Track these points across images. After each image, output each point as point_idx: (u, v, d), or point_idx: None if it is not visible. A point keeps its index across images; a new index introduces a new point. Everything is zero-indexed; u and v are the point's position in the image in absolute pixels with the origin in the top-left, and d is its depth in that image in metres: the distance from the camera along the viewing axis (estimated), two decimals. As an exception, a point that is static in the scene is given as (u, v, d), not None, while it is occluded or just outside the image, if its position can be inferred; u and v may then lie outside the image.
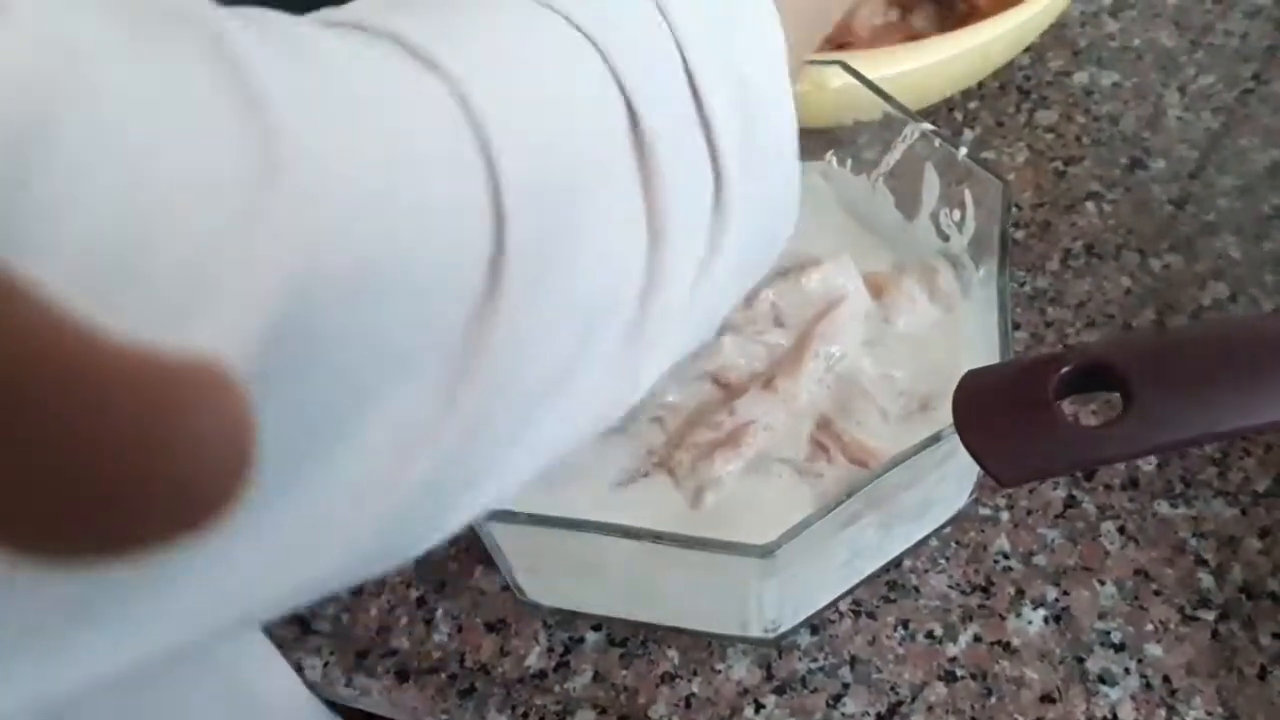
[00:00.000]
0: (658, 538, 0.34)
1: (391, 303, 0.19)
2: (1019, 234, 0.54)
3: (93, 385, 0.12)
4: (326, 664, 0.45)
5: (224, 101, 0.16)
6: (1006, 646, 0.42)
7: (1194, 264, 0.52)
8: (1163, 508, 0.45)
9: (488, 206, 0.21)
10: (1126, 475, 0.46)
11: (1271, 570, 0.43)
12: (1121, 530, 0.45)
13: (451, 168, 0.21)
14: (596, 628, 0.44)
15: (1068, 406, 0.30)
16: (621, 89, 0.24)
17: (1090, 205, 0.55)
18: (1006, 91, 0.61)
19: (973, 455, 0.29)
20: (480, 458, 0.23)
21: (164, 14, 0.16)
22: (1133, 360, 0.28)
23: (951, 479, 0.41)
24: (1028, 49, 0.62)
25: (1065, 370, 0.28)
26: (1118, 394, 0.28)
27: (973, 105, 0.61)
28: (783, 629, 0.41)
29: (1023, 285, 0.53)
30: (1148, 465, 0.46)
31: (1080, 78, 0.61)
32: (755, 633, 0.41)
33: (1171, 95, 0.59)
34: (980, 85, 0.61)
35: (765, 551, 0.34)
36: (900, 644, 0.43)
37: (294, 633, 0.46)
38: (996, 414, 0.29)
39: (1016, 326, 0.51)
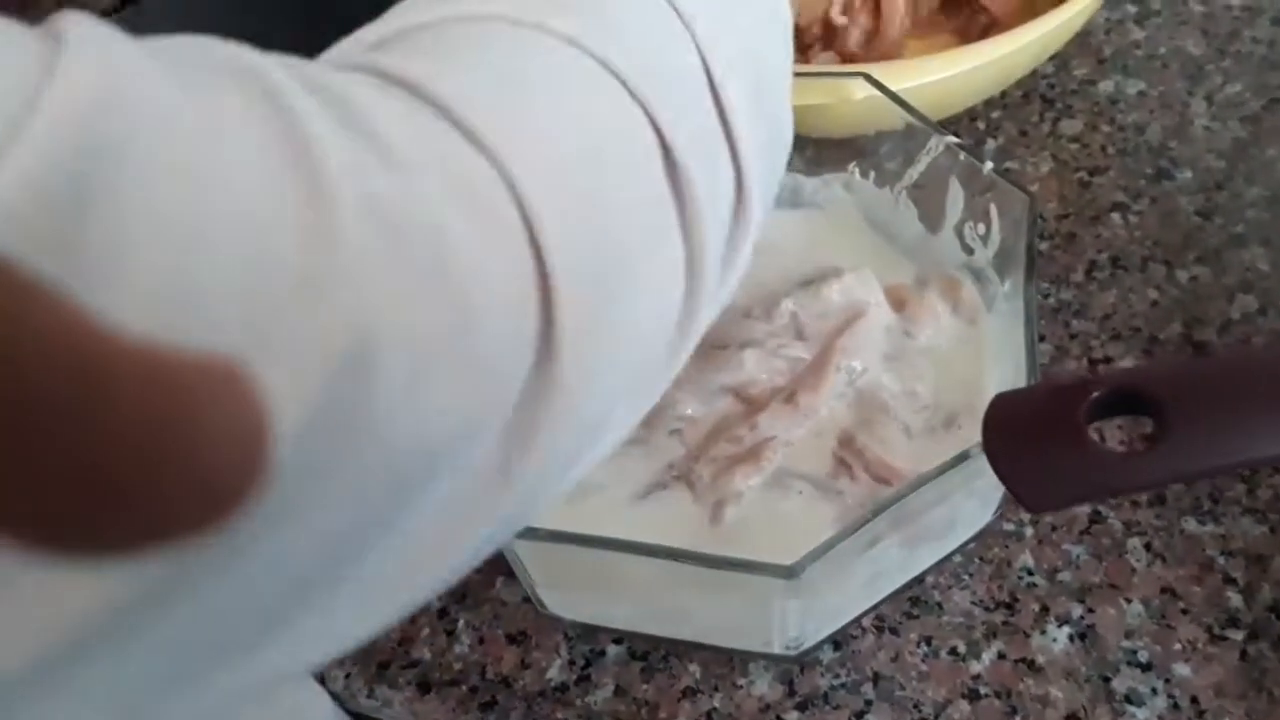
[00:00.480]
0: (680, 557, 0.34)
1: (445, 377, 0.19)
2: (1043, 245, 0.54)
3: (110, 382, 0.12)
4: (349, 675, 0.45)
5: (286, 177, 0.16)
6: (1031, 664, 0.42)
7: (1222, 276, 0.52)
8: (1190, 525, 0.45)
9: (533, 280, 0.21)
10: (1153, 492, 0.45)
11: (1301, 589, 0.43)
12: (1148, 547, 0.44)
13: (497, 242, 0.20)
14: (618, 641, 0.44)
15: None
16: (652, 122, 0.24)
17: (1115, 216, 0.55)
18: (1030, 100, 0.61)
19: (1004, 482, 0.28)
20: (530, 518, 0.23)
21: (217, 67, 0.16)
22: (1167, 386, 0.28)
23: (977, 497, 0.41)
24: (1051, 57, 0.62)
25: (1097, 395, 0.28)
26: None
27: (995, 114, 0.60)
28: (805, 646, 0.41)
29: (1047, 297, 0.52)
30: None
31: (1105, 86, 0.61)
32: (777, 650, 0.40)
33: (1198, 104, 0.59)
34: (1003, 94, 0.60)
35: (790, 572, 0.34)
36: (923, 661, 0.43)
37: (315, 644, 0.46)
38: (1027, 440, 0.29)
39: (1041, 339, 0.51)
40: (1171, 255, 0.53)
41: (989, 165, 0.44)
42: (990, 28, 0.58)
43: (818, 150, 0.53)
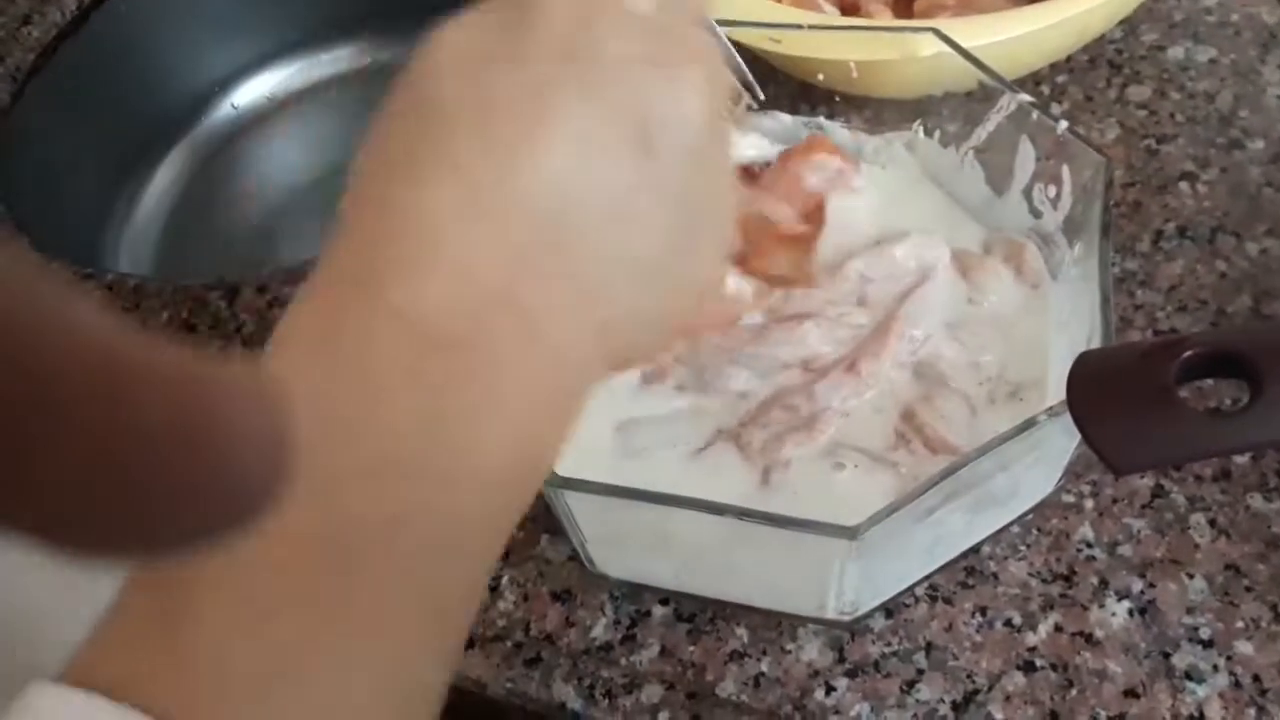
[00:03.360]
0: (742, 514, 0.33)
1: None
2: (1108, 213, 0.52)
3: (134, 384, 0.12)
4: (390, 627, 0.45)
5: None
6: (1089, 638, 0.41)
7: (1293, 250, 0.50)
8: (1256, 501, 0.43)
9: None
10: (1219, 466, 0.44)
11: (1370, 570, 0.41)
12: (1212, 523, 0.43)
13: None
14: (664, 602, 0.44)
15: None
16: None
17: (1184, 185, 0.53)
18: (1096, 66, 0.59)
19: (1088, 441, 0.27)
20: None
21: None
22: (1263, 348, 0.27)
23: (1041, 465, 0.40)
24: (1120, 22, 0.60)
25: (1189, 354, 0.27)
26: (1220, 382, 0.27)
27: (1061, 79, 0.58)
28: (860, 612, 0.40)
29: (1112, 267, 0.50)
30: (1240, 457, 0.44)
31: (1175, 53, 0.59)
32: (831, 614, 0.40)
33: (1271, 73, 0.57)
34: (1069, 59, 0.59)
35: (852, 533, 0.33)
36: (978, 631, 0.42)
37: (358, 594, 0.46)
38: (1115, 399, 0.28)
39: (1104, 309, 0.49)
40: (1241, 226, 0.51)
41: (1064, 124, 0.42)
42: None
43: (877, 110, 0.52)
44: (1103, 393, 0.28)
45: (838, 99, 0.51)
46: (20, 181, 0.71)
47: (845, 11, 0.60)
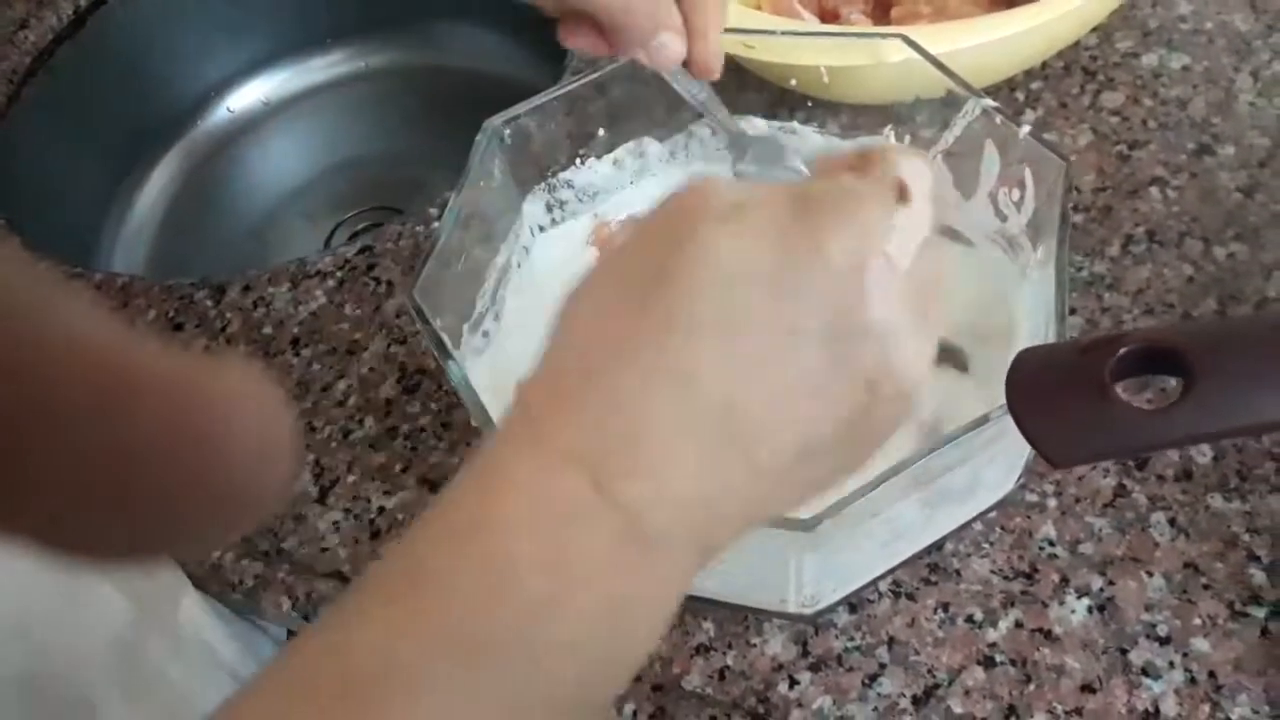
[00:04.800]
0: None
1: None
2: (1078, 218, 0.53)
3: (136, 394, 0.12)
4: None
5: None
6: (1048, 634, 0.42)
7: (1260, 254, 0.51)
8: (1216, 501, 0.44)
9: None
10: (1180, 466, 0.45)
11: (1327, 569, 0.42)
12: (1172, 522, 0.44)
13: None
14: (633, 596, 0.44)
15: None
16: None
17: (1154, 191, 0.54)
18: (1071, 72, 0.60)
19: (1025, 435, 0.28)
20: None
21: None
22: (1195, 345, 0.27)
23: (1000, 461, 0.41)
24: (1095, 29, 0.61)
25: (1124, 351, 0.28)
26: (1174, 383, 0.27)
27: (1035, 85, 0.59)
28: (821, 605, 0.41)
29: (1080, 270, 0.51)
30: (1202, 457, 0.45)
31: (1149, 60, 0.59)
32: (793, 608, 0.40)
33: (1244, 80, 0.58)
34: (1044, 65, 0.60)
35: (807, 525, 0.34)
36: (939, 627, 0.42)
37: (333, 587, 0.47)
38: (1051, 394, 0.28)
39: (1072, 312, 0.50)
40: (1210, 232, 0.52)
41: (1026, 129, 0.43)
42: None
43: (853, 115, 0.53)
44: (1040, 389, 0.28)
45: (810, 104, 0.52)
46: (16, 182, 0.73)
47: (824, 18, 0.61)
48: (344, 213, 0.85)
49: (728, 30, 0.48)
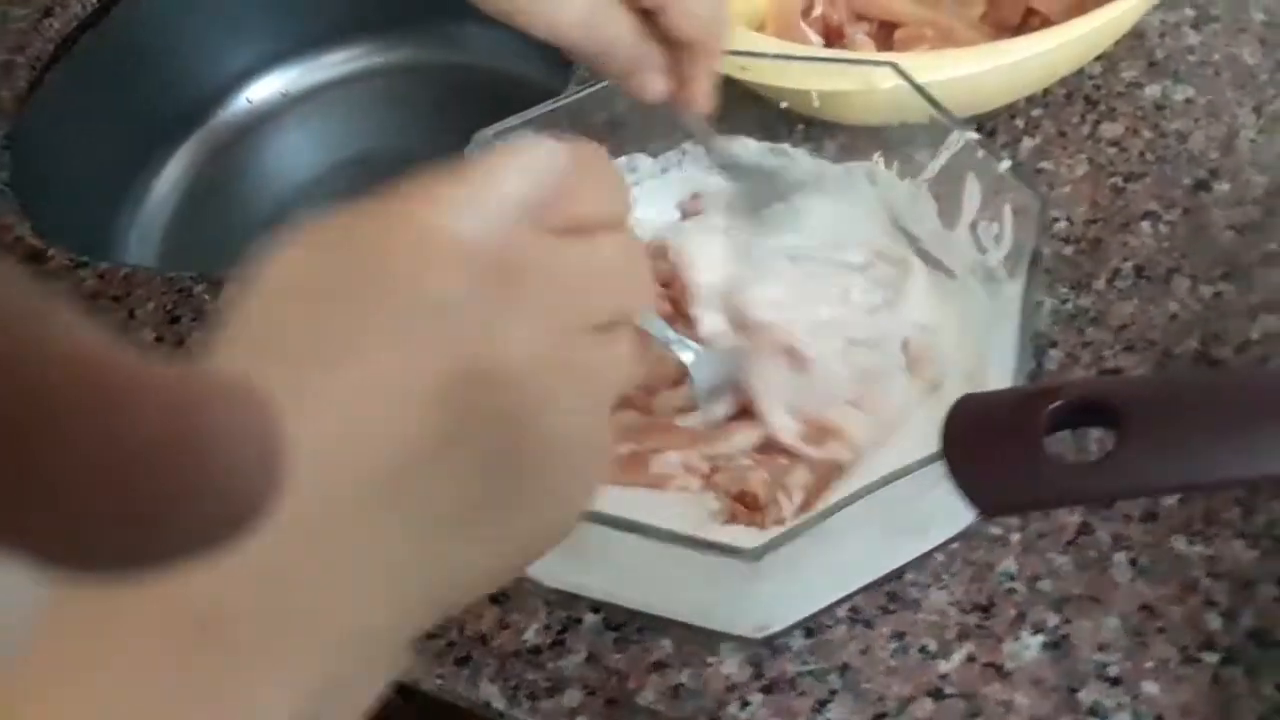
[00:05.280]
0: (644, 531, 0.35)
1: None
2: (1067, 249, 0.53)
3: (121, 403, 0.12)
4: (333, 618, 0.47)
5: None
6: (999, 669, 0.42)
7: (1248, 295, 0.50)
8: (1180, 544, 0.44)
9: None
10: (1146, 507, 0.45)
11: (1287, 619, 0.42)
12: (1133, 563, 0.44)
13: None
14: (595, 610, 0.45)
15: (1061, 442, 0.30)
16: None
17: (1145, 225, 0.54)
18: (1073, 100, 0.59)
19: (955, 483, 0.28)
20: None
21: None
22: (1129, 401, 0.27)
23: (954, 496, 0.41)
24: (1100, 57, 0.60)
25: (1058, 404, 0.28)
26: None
27: (1036, 113, 0.59)
28: (773, 630, 0.41)
29: (1065, 303, 0.51)
30: (1169, 499, 0.45)
31: (1152, 91, 0.59)
32: (745, 632, 0.41)
33: (1247, 115, 0.57)
34: (1046, 92, 0.59)
35: (752, 556, 0.34)
36: (893, 656, 0.43)
37: (305, 585, 0.48)
38: (984, 443, 0.29)
39: (1053, 344, 0.50)
40: (1198, 269, 0.52)
41: (1006, 164, 0.43)
42: (1030, 22, 0.57)
43: (850, 137, 0.53)
44: (974, 437, 0.29)
45: (801, 127, 0.52)
46: (34, 168, 0.74)
47: (829, 37, 0.61)
48: (362, 204, 0.86)
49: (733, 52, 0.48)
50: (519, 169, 0.27)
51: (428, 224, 0.25)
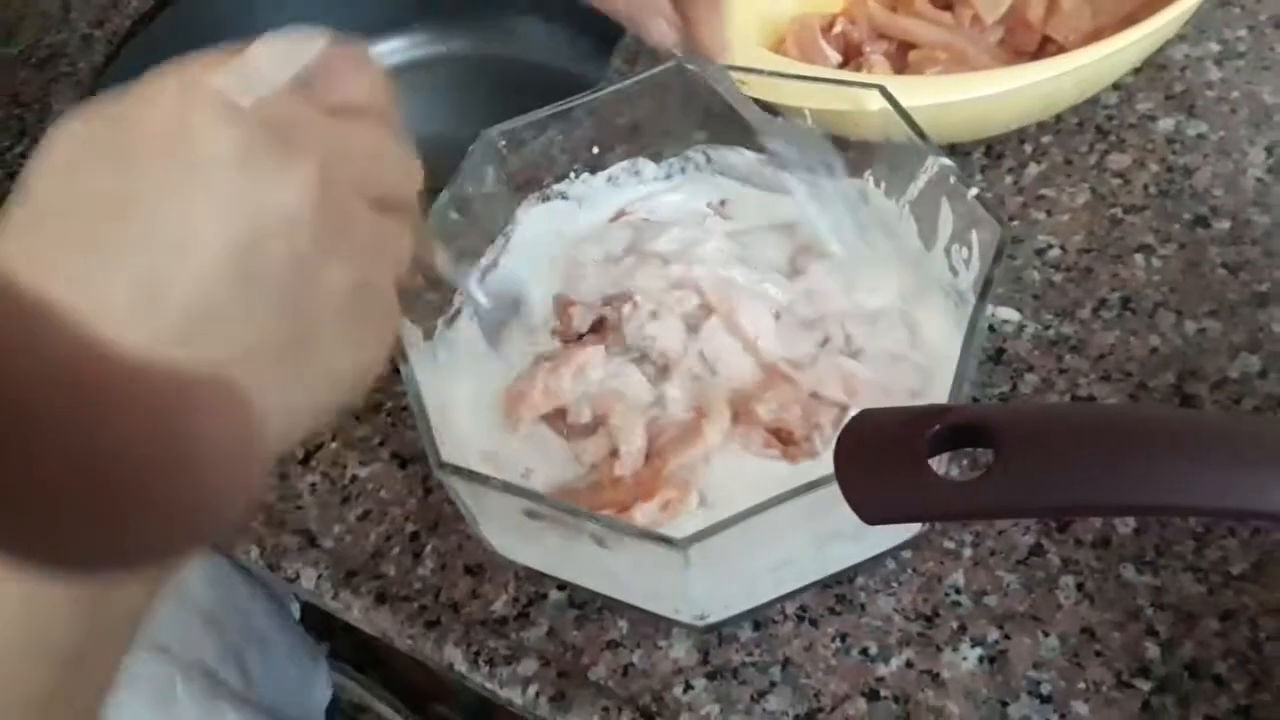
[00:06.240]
0: (578, 514, 0.37)
1: None
2: (1056, 277, 0.54)
3: (109, 398, 0.13)
4: (320, 576, 0.50)
5: None
6: (935, 677, 0.43)
7: (1231, 333, 0.51)
8: (1128, 572, 0.45)
9: None
10: (1100, 533, 0.46)
11: (1224, 654, 0.42)
12: (1080, 586, 0.45)
13: None
14: (561, 588, 0.48)
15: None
16: None
17: (1139, 258, 0.54)
18: (1084, 129, 0.60)
19: (842, 491, 0.30)
20: None
21: None
22: (1007, 425, 0.29)
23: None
24: (1118, 87, 0.61)
25: (941, 426, 0.30)
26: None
27: (1046, 139, 0.60)
28: (712, 619, 0.43)
29: (1047, 329, 0.52)
30: (1124, 527, 0.46)
31: (1165, 124, 0.59)
32: (686, 619, 0.43)
33: (1257, 154, 0.57)
34: (1058, 119, 0.60)
35: (678, 545, 0.36)
36: (834, 655, 0.45)
37: (299, 543, 0.51)
38: (871, 457, 0.30)
39: (1029, 369, 0.51)
40: (1185, 304, 0.52)
41: (974, 191, 0.45)
42: (1045, 48, 0.58)
43: (859, 153, 0.54)
44: (862, 450, 0.30)
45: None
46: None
47: (848, 54, 0.62)
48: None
49: (727, 67, 0.51)
50: (286, 49, 0.29)
51: (198, 83, 0.27)
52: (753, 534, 0.37)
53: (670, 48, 0.47)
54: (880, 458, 0.30)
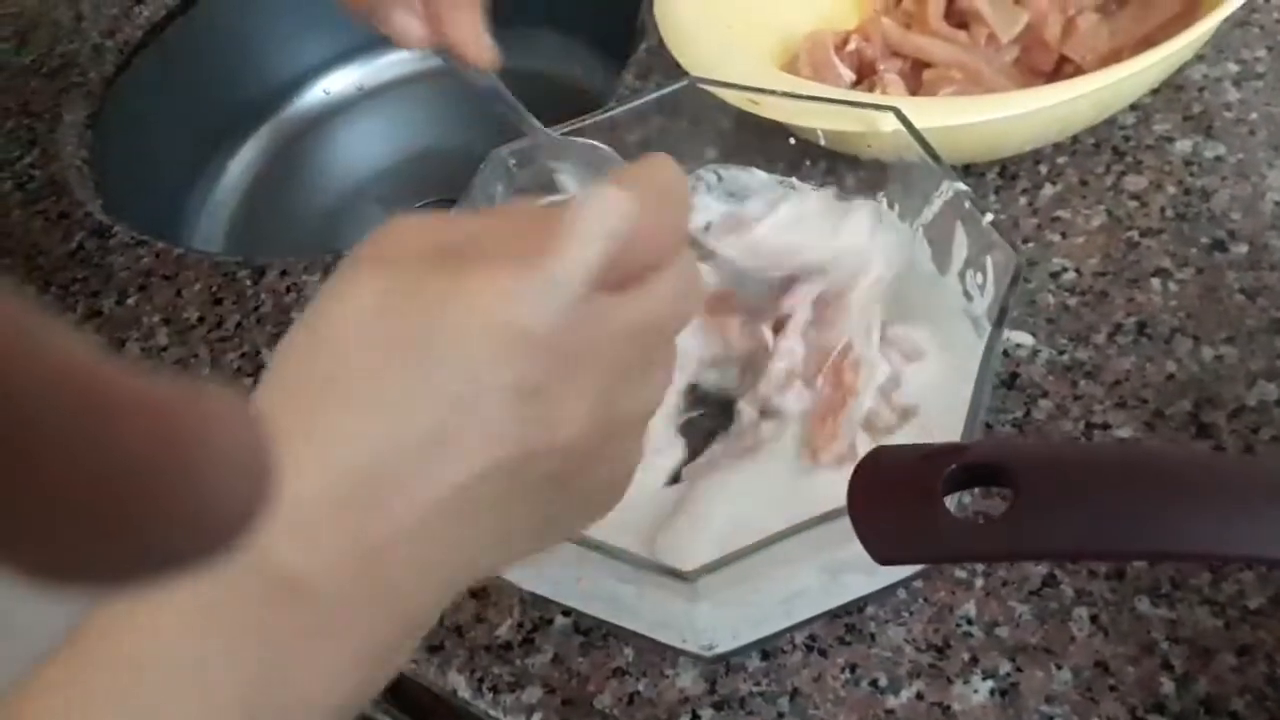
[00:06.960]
0: (587, 544, 0.37)
1: None
2: (1071, 301, 0.53)
3: (113, 415, 0.12)
4: (324, 598, 0.50)
5: None
6: (946, 709, 0.43)
7: (1249, 360, 0.50)
8: (1143, 604, 0.44)
9: None
10: (1114, 566, 0.45)
11: (1240, 690, 0.42)
12: (1094, 619, 0.44)
13: None
14: (566, 614, 0.47)
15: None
16: None
17: (1155, 282, 0.54)
18: (1101, 150, 0.59)
19: (855, 529, 0.30)
20: None
21: None
22: (1025, 466, 0.28)
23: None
24: (1135, 108, 0.60)
25: (957, 466, 0.29)
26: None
27: (1062, 160, 0.59)
28: (720, 650, 0.43)
29: (1062, 354, 0.52)
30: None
31: (1183, 146, 0.59)
32: (692, 649, 0.42)
33: (1276, 177, 0.56)
34: (1075, 139, 0.59)
35: (687, 578, 0.36)
36: (843, 686, 0.44)
37: (303, 564, 0.51)
38: (886, 495, 0.30)
39: (1044, 395, 0.50)
40: (1202, 330, 0.51)
41: (989, 217, 0.44)
42: (1062, 70, 0.58)
43: (870, 173, 0.54)
44: (877, 489, 0.30)
45: (808, 163, 0.54)
46: (113, 146, 0.79)
47: (861, 73, 0.62)
48: (418, 200, 0.89)
49: (735, 86, 0.50)
50: (591, 238, 0.27)
51: (498, 320, 0.26)
52: (762, 566, 0.37)
53: (414, 45, 0.43)
54: (895, 497, 0.29)
